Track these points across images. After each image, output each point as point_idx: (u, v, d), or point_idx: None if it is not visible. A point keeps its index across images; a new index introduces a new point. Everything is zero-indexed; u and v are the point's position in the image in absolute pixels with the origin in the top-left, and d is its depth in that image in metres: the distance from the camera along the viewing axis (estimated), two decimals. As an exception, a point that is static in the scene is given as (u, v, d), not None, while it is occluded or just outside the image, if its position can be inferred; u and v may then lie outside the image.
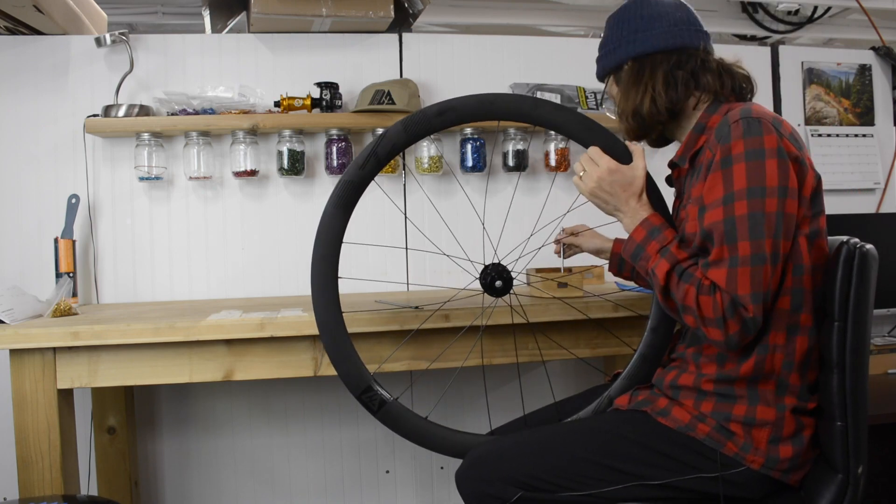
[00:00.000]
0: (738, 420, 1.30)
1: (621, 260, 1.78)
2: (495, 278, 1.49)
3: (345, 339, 1.46)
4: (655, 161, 2.46)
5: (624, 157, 1.43)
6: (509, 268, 1.53)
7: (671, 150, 1.52)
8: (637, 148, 1.45)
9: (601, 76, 1.55)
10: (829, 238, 1.34)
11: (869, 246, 1.27)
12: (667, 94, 1.41)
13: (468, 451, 1.45)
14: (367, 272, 2.31)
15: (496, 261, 1.52)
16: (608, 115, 1.67)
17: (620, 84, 1.49)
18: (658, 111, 1.43)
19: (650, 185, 1.43)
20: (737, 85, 1.43)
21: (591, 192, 1.43)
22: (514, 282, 1.53)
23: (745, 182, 1.24)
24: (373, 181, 1.50)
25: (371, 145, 1.46)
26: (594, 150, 1.44)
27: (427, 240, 2.24)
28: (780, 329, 1.29)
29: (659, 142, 1.53)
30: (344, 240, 1.48)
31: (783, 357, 1.29)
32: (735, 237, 1.23)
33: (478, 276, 1.52)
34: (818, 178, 1.32)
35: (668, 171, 1.53)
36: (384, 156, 1.45)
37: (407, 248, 2.32)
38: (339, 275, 1.47)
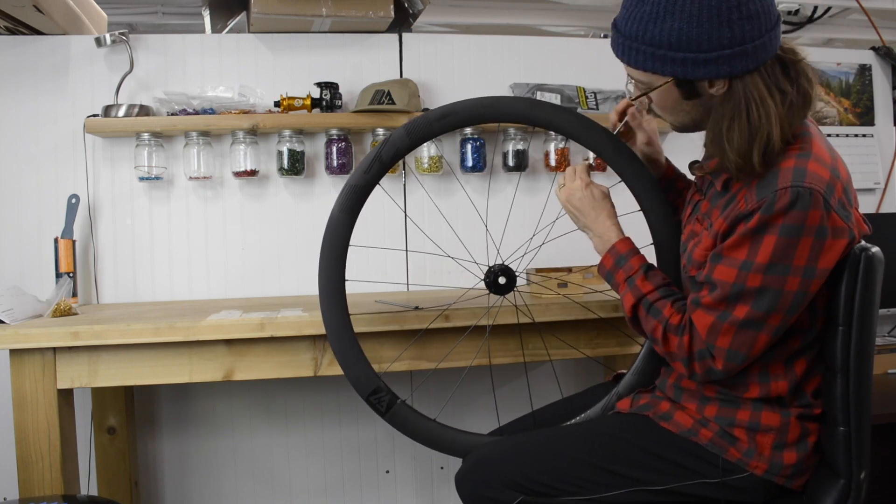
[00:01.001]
0: (742, 425, 1.29)
1: (668, 185, 1.56)
2: (499, 275, 1.52)
3: (353, 343, 1.49)
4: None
5: (633, 162, 1.43)
6: (512, 267, 1.54)
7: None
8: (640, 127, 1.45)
9: (640, 67, 1.23)
10: None
11: (875, 249, 1.24)
12: (743, 138, 1.18)
13: (468, 453, 1.45)
14: (367, 272, 2.31)
15: (500, 261, 1.54)
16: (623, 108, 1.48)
17: (679, 91, 1.25)
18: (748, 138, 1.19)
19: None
20: (808, 97, 1.22)
21: (563, 205, 1.46)
22: (517, 281, 1.54)
23: (770, 258, 1.16)
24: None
25: (375, 150, 1.47)
26: (579, 166, 1.46)
27: (430, 241, 2.23)
28: (778, 360, 1.28)
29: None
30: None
31: (786, 382, 1.28)
32: (736, 302, 1.20)
33: (482, 277, 1.53)
34: (860, 229, 1.23)
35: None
36: (388, 160, 1.48)
37: (407, 251, 2.32)
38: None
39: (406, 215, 2.33)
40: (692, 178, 1.45)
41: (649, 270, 1.35)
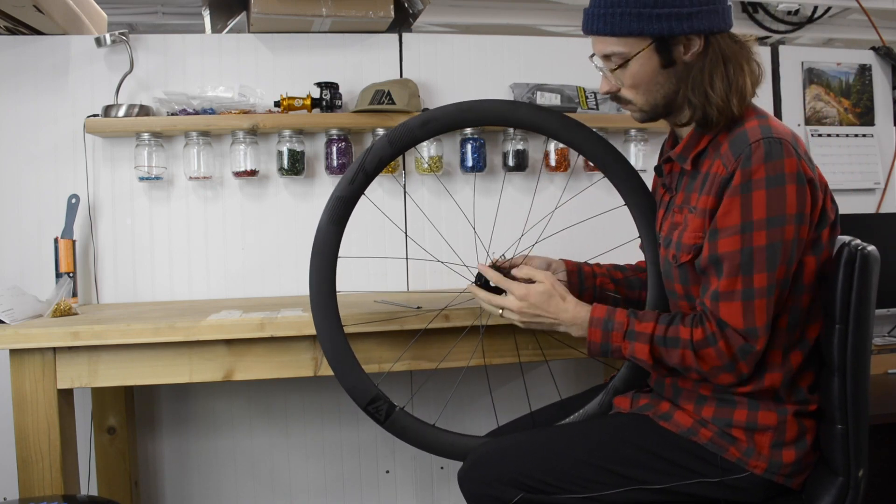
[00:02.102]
0: (739, 425, 1.29)
1: (580, 276, 1.60)
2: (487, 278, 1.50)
3: (348, 353, 1.49)
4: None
5: (618, 161, 1.46)
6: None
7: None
8: (524, 268, 1.41)
9: (622, 32, 1.28)
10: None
11: (871, 247, 1.25)
12: (724, 87, 1.28)
13: (470, 452, 1.46)
14: (367, 271, 2.31)
15: (488, 261, 1.52)
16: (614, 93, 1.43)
17: (657, 58, 1.30)
18: (706, 104, 1.28)
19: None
20: (754, 79, 1.32)
21: (523, 323, 1.39)
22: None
23: (766, 211, 1.20)
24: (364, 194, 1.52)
25: (358, 160, 1.48)
26: (484, 294, 1.40)
27: (422, 248, 2.23)
28: (776, 347, 1.28)
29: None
30: (344, 246, 1.52)
31: (781, 374, 1.28)
32: (752, 269, 1.21)
33: (473, 280, 1.52)
34: (825, 192, 1.28)
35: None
36: (372, 170, 1.48)
37: (407, 259, 2.32)
38: (338, 281, 1.50)
39: (405, 221, 2.33)
40: (660, 179, 1.49)
41: (636, 313, 1.32)
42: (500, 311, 1.40)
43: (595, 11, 1.30)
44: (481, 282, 1.47)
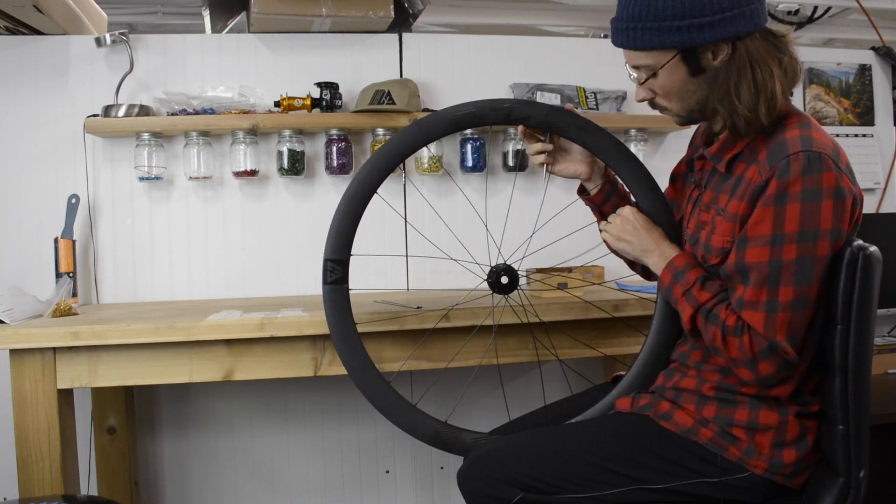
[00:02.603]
0: (740, 425, 1.29)
1: (610, 191, 1.55)
2: (501, 274, 1.52)
3: (406, 403, 1.49)
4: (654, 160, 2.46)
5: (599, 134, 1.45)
6: (516, 267, 1.54)
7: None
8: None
9: (645, 47, 1.27)
10: None
11: (873, 248, 1.24)
12: (751, 95, 1.25)
13: (469, 451, 1.46)
14: (367, 271, 2.31)
15: (501, 261, 1.53)
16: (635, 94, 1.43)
17: (685, 67, 1.29)
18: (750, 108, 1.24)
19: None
20: (796, 71, 1.28)
21: (617, 237, 1.44)
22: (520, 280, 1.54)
23: (798, 225, 1.18)
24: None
25: (515, 101, 1.50)
26: (626, 210, 1.45)
27: (431, 244, 2.23)
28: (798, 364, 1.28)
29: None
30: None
31: (794, 384, 1.28)
32: (778, 282, 1.20)
33: (485, 277, 1.53)
34: (861, 206, 1.26)
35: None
36: (515, 118, 1.51)
37: (407, 256, 2.32)
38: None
39: (406, 221, 2.33)
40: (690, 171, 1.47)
41: (706, 280, 1.33)
42: (606, 226, 1.46)
43: (619, 26, 1.29)
44: (493, 279, 1.51)
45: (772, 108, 1.24)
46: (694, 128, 1.50)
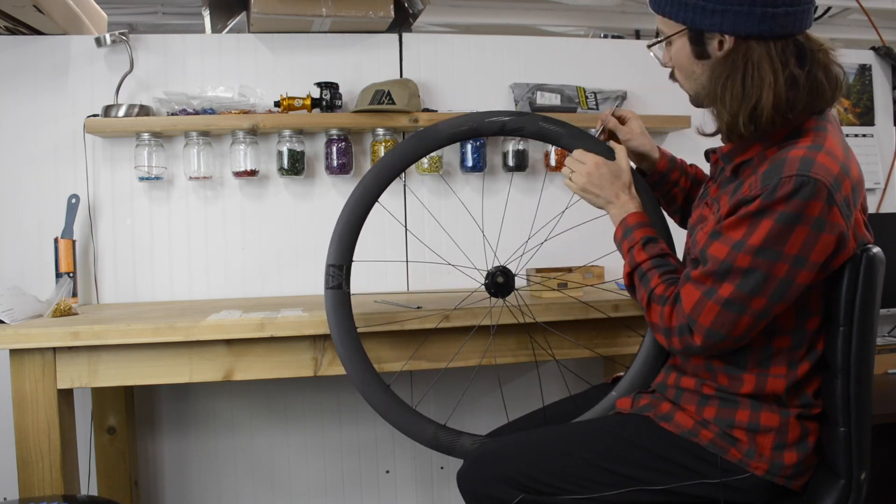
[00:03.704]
0: (741, 426, 1.29)
1: (661, 178, 1.61)
2: (497, 276, 1.54)
3: (400, 403, 1.51)
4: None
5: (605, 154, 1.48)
6: (512, 267, 1.55)
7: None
8: (618, 146, 1.49)
9: (661, 12, 1.30)
10: None
11: (876, 249, 1.23)
12: (734, 100, 1.23)
13: (469, 452, 1.46)
14: (367, 273, 2.31)
15: (497, 263, 1.54)
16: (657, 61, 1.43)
17: (691, 48, 1.29)
18: (771, 114, 1.21)
19: (637, 179, 1.49)
20: (820, 88, 1.23)
21: (581, 188, 1.47)
22: (517, 281, 1.55)
23: (762, 241, 1.17)
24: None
25: (508, 112, 1.55)
26: (578, 151, 1.48)
27: (429, 249, 2.23)
28: (780, 364, 1.28)
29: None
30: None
31: (785, 382, 1.28)
32: (724, 278, 1.21)
33: (483, 281, 1.53)
34: (851, 238, 1.22)
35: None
36: (491, 130, 1.56)
37: (408, 262, 2.32)
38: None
39: (406, 229, 2.33)
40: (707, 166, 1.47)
41: (648, 242, 1.37)
42: (569, 176, 1.48)
43: None
44: (490, 281, 1.53)
45: (754, 120, 1.21)
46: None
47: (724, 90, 1.24)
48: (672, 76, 1.39)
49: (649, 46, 1.37)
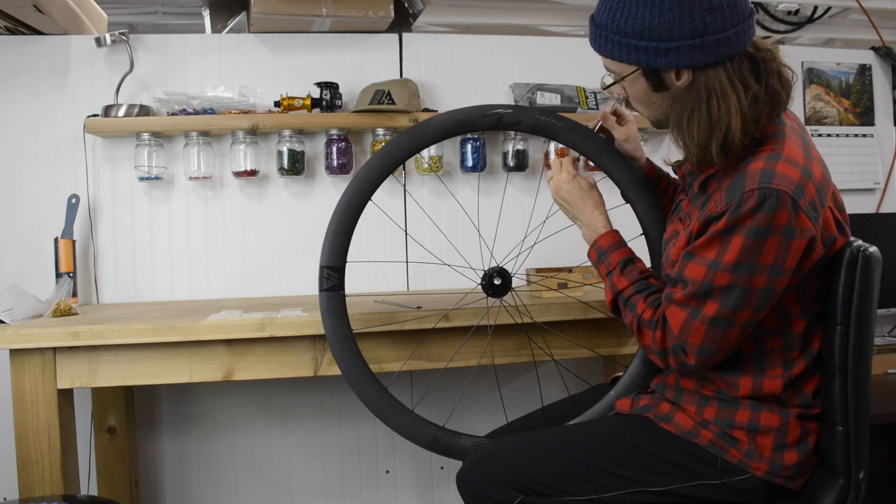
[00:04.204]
0: (742, 426, 1.29)
1: (651, 185, 1.59)
2: (494, 277, 1.53)
3: (397, 405, 1.50)
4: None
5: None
6: (511, 267, 1.54)
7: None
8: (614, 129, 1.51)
9: (610, 56, 1.27)
10: None
11: (872, 248, 1.24)
12: (702, 131, 1.22)
13: (469, 453, 1.45)
14: (366, 273, 2.31)
15: (493, 263, 1.54)
16: (614, 108, 1.55)
17: (647, 83, 1.28)
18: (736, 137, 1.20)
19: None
20: (777, 97, 1.23)
21: (555, 193, 1.49)
22: (516, 281, 1.55)
23: (737, 258, 1.17)
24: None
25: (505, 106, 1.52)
26: (565, 159, 1.49)
27: (428, 252, 2.23)
28: (776, 366, 1.29)
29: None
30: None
31: (782, 381, 1.28)
32: (707, 298, 1.21)
33: (480, 281, 1.53)
34: (832, 243, 1.24)
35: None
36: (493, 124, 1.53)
37: (407, 262, 2.32)
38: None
39: (406, 232, 2.33)
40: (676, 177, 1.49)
41: (627, 266, 1.38)
42: (550, 177, 1.50)
43: (593, 31, 1.30)
44: (486, 282, 1.53)
45: (727, 146, 1.20)
46: None
47: (689, 122, 1.23)
48: (627, 104, 1.39)
49: (605, 88, 1.35)
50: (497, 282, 1.52)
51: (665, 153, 2.47)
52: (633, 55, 1.23)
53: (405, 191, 2.34)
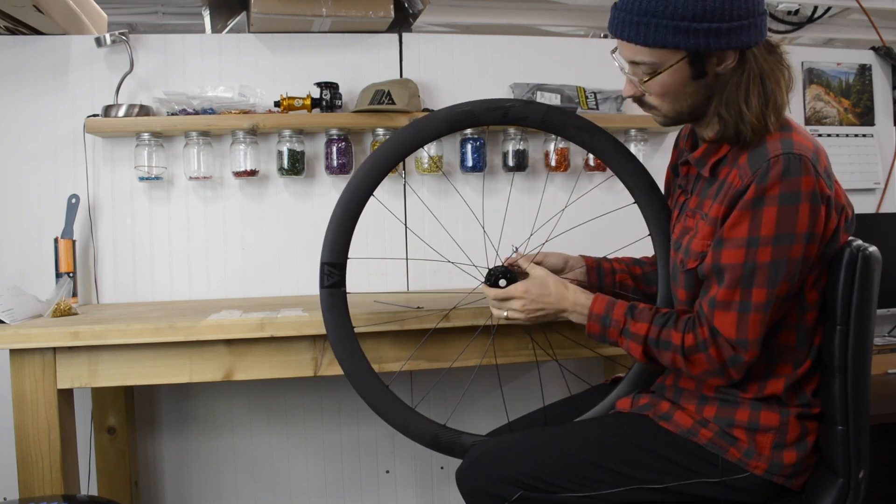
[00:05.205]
0: (741, 425, 1.29)
1: (598, 272, 1.61)
2: (499, 277, 1.50)
3: (400, 403, 1.50)
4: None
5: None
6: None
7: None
8: (524, 262, 1.46)
9: (655, 44, 1.22)
10: None
11: (872, 248, 1.24)
12: (760, 104, 1.24)
13: (469, 449, 1.45)
14: (367, 272, 2.31)
15: (498, 263, 1.53)
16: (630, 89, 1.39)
17: (689, 70, 1.26)
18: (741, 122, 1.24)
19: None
20: (789, 88, 1.29)
21: (528, 318, 1.42)
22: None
23: (775, 228, 1.18)
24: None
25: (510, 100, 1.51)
26: (493, 291, 1.43)
27: (430, 248, 2.23)
28: (787, 362, 1.29)
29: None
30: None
31: (785, 381, 1.29)
32: (752, 283, 1.20)
33: (483, 280, 1.52)
34: (841, 213, 1.26)
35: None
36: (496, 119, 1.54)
37: (407, 259, 2.32)
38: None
39: (406, 227, 2.33)
40: (679, 181, 1.45)
41: (633, 311, 1.33)
42: (505, 314, 1.43)
43: (626, 18, 1.23)
44: (491, 281, 1.48)
45: (778, 118, 1.25)
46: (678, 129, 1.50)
47: (746, 101, 1.23)
48: (639, 102, 1.34)
49: (644, 82, 1.28)
50: (502, 284, 1.50)
51: (665, 153, 2.47)
52: (692, 39, 1.20)
53: (405, 185, 2.34)
